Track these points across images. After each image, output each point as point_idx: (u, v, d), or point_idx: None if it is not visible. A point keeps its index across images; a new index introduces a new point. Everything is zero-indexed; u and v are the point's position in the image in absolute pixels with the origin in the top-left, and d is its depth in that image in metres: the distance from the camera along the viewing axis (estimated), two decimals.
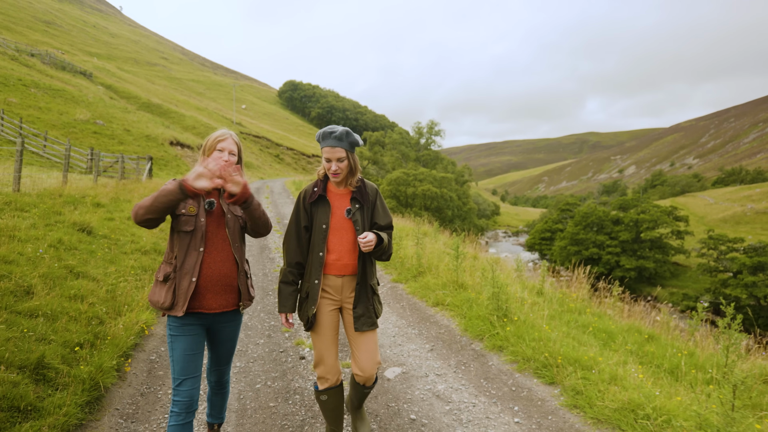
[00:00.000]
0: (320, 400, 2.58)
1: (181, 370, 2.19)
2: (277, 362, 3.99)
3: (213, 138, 2.30)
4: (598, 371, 3.53)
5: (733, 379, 2.50)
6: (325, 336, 2.50)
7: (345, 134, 2.39)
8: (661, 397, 3.03)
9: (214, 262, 2.23)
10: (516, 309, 4.77)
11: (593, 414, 3.10)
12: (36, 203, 7.55)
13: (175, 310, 2.17)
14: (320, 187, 2.51)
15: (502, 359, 4.10)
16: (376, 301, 2.60)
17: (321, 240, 2.46)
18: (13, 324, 3.31)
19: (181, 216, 2.21)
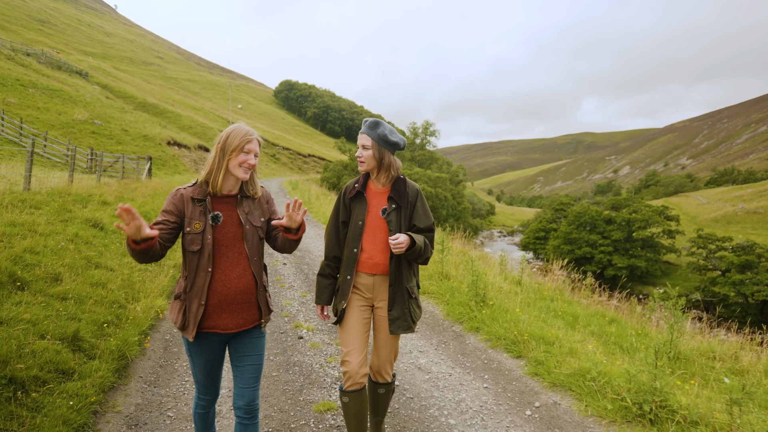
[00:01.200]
0: (343, 402, 2.50)
1: (206, 381, 2.21)
2: (278, 341, 4.49)
3: (240, 136, 2.04)
4: (558, 346, 4.06)
5: (655, 343, 3.01)
6: (352, 332, 2.46)
7: (374, 124, 2.42)
8: (607, 365, 3.55)
9: (228, 280, 2.06)
10: (493, 296, 5.30)
11: (550, 380, 3.62)
12: (47, 201, 8.00)
13: (186, 333, 2.06)
14: (360, 183, 2.50)
15: (478, 338, 4.63)
16: (414, 304, 2.50)
17: (356, 236, 2.45)
18: (48, 305, 3.79)
19: (188, 235, 2.05)
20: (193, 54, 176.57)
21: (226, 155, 2.05)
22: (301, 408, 3.24)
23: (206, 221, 2.05)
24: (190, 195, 2.06)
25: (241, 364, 2.18)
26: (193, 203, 2.05)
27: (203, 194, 2.07)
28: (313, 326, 4.88)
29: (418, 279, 2.62)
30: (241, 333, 2.17)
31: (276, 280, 6.88)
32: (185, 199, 2.05)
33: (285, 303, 5.72)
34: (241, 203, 2.14)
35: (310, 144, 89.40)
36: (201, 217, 2.05)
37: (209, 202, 2.06)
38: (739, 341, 4.80)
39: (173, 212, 2.04)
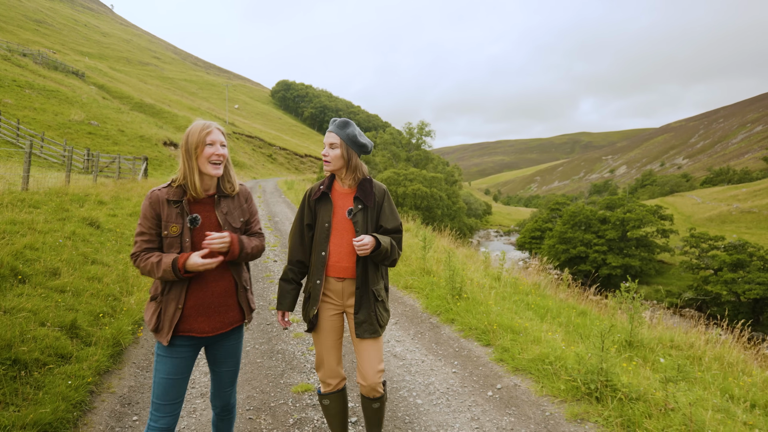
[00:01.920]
0: (323, 404, 2.54)
1: (161, 394, 2.00)
2: (264, 332, 4.77)
3: (198, 131, 1.98)
4: (525, 335, 4.36)
5: (600, 329, 3.31)
6: (325, 339, 2.46)
7: (343, 124, 2.38)
8: (565, 350, 3.85)
9: (206, 283, 2.01)
10: (469, 290, 5.60)
11: (514, 364, 3.92)
12: (45, 201, 8.26)
13: (159, 336, 1.99)
14: (326, 185, 2.47)
15: (452, 329, 4.92)
16: (380, 308, 2.45)
17: (323, 239, 2.40)
18: (48, 297, 4.06)
19: (166, 239, 1.98)
20: (189, 54, 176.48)
21: (192, 156, 1.98)
22: (281, 390, 3.53)
23: (184, 224, 1.98)
24: (166, 197, 1.99)
25: (219, 369, 2.19)
26: (169, 205, 1.98)
27: (179, 195, 2.00)
28: (298, 318, 5.17)
29: (387, 282, 2.58)
30: (220, 338, 2.12)
31: (265, 276, 7.16)
32: (161, 200, 1.98)
33: (273, 297, 6.00)
34: (219, 204, 2.07)
35: (306, 144, 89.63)
36: (178, 219, 1.98)
37: (186, 204, 2.00)
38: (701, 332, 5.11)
39: (152, 218, 1.98)
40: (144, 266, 1.95)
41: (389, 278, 7.12)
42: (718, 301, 32.36)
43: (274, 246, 9.80)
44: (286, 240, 10.67)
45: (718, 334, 5.36)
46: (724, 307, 30.77)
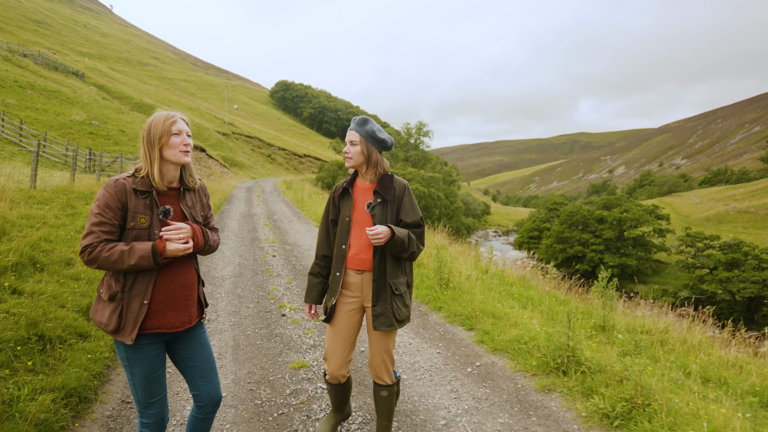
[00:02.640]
0: (327, 386, 2.70)
1: (147, 395, 1.97)
2: (264, 318, 5.12)
3: (162, 121, 1.93)
4: (505, 320, 4.71)
5: (568, 310, 3.65)
6: (338, 334, 2.52)
7: (363, 121, 2.45)
8: (539, 332, 4.20)
9: (175, 276, 1.96)
10: (456, 280, 5.95)
11: (493, 345, 4.27)
12: (53, 198, 8.60)
13: (122, 336, 1.88)
14: (348, 181, 2.54)
15: (439, 316, 5.27)
16: (399, 302, 2.46)
17: (344, 233, 2.47)
18: (64, 284, 4.41)
19: (132, 230, 1.88)
20: (189, 54, 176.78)
21: (155, 146, 1.92)
22: (279, 366, 3.88)
23: (152, 215, 1.92)
24: (132, 186, 1.90)
25: (194, 363, 2.11)
26: (136, 195, 1.90)
27: (147, 186, 1.93)
28: (295, 306, 5.51)
29: (411, 279, 2.58)
30: (184, 334, 2.08)
31: (265, 269, 7.51)
32: (127, 190, 1.88)
33: (272, 288, 6.35)
34: (184, 197, 2.05)
35: (305, 144, 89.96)
36: (146, 210, 1.91)
37: (155, 196, 1.95)
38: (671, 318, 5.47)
39: (118, 208, 1.86)
40: (108, 256, 1.79)
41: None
42: (713, 300, 32.56)
43: (273, 242, 10.14)
44: (284, 237, 11.02)
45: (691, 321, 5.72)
46: (720, 306, 31.09)
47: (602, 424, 3.00)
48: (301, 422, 3.02)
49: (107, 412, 3.01)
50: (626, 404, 2.98)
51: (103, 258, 1.81)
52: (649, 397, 2.98)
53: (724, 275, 32.52)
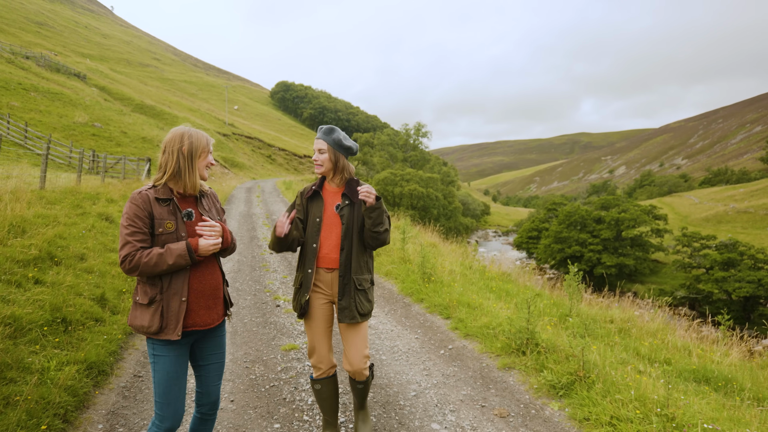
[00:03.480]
0: (315, 389, 2.73)
1: (163, 393, 2.07)
2: (260, 309, 5.58)
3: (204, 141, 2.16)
4: (479, 309, 5.17)
5: (526, 297, 4.11)
6: (317, 327, 2.66)
7: (328, 130, 2.59)
8: (506, 319, 4.66)
9: (203, 276, 2.12)
10: (439, 274, 6.41)
11: (465, 331, 4.74)
12: (61, 198, 9.07)
13: (166, 334, 2.02)
14: (317, 185, 2.70)
15: (421, 306, 5.75)
16: (362, 297, 2.62)
17: (315, 232, 2.61)
18: (79, 276, 4.88)
19: (161, 235, 2.04)
20: (189, 55, 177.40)
21: (195, 158, 2.12)
22: (272, 348, 4.34)
23: (178, 219, 2.08)
24: (154, 196, 2.07)
25: (207, 363, 2.24)
26: (159, 203, 2.07)
27: (168, 194, 2.10)
28: (289, 298, 5.98)
29: (372, 276, 2.76)
30: (207, 333, 2.22)
31: (262, 265, 7.97)
32: (151, 199, 2.05)
33: (268, 282, 6.82)
34: (201, 202, 2.22)
35: (305, 145, 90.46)
36: (171, 216, 2.07)
37: (177, 202, 2.11)
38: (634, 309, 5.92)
39: (145, 217, 2.02)
40: (147, 261, 1.95)
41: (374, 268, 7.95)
42: (710, 300, 32.70)
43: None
44: None
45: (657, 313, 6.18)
46: (717, 305, 31.32)
47: (549, 394, 3.46)
48: (289, 392, 3.49)
49: (122, 384, 3.48)
50: (570, 376, 3.44)
51: (143, 263, 1.95)
52: (590, 371, 3.44)
53: (720, 275, 32.63)
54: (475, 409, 3.32)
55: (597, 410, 3.04)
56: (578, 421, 3.08)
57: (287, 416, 3.17)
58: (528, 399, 3.45)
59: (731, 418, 2.99)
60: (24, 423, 2.56)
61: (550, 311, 5.38)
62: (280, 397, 3.41)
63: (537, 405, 3.36)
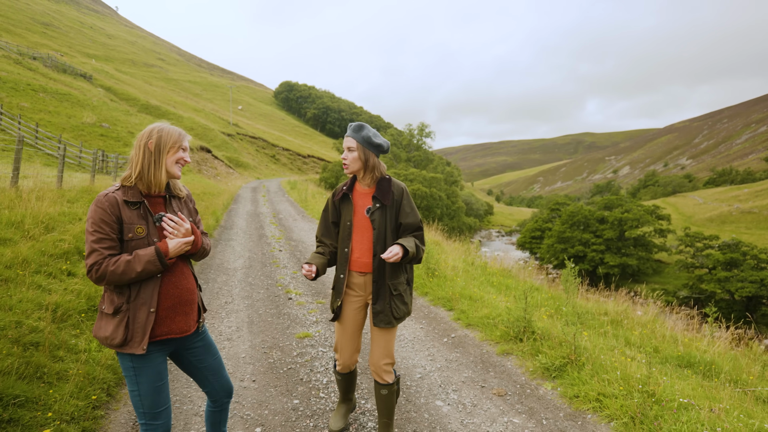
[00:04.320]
0: (336, 378, 2.92)
1: (154, 404, 1.96)
2: (273, 301, 5.91)
3: (176, 134, 2.02)
4: (480, 302, 5.49)
5: (525, 288, 4.42)
6: (346, 329, 2.69)
7: (358, 127, 2.51)
8: (505, 309, 4.97)
9: (178, 281, 2.01)
10: (443, 270, 6.73)
11: (467, 321, 5.05)
12: (79, 197, 9.43)
13: (131, 347, 1.87)
14: (347, 186, 2.62)
15: (425, 299, 6.06)
16: (397, 301, 2.58)
17: (346, 237, 2.58)
18: None
19: (131, 241, 1.89)
20: (193, 55, 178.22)
21: (162, 153, 1.98)
22: (288, 336, 4.67)
23: (149, 223, 1.95)
24: (123, 198, 1.92)
25: (204, 364, 2.19)
26: (128, 207, 1.93)
27: (138, 197, 1.96)
28: (300, 291, 6.30)
29: (411, 276, 2.69)
30: (187, 341, 2.12)
31: (272, 262, 8.31)
32: (119, 202, 1.90)
33: (279, 277, 7.15)
34: (170, 203, 2.09)
35: (309, 145, 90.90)
36: (141, 220, 1.93)
37: (147, 205, 1.98)
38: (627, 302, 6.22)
39: (113, 222, 1.87)
40: (114, 269, 1.81)
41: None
42: (712, 300, 32.72)
43: (279, 239, 10.95)
44: (289, 234, 11.82)
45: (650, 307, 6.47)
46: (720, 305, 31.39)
47: (543, 376, 3.77)
48: (305, 374, 3.81)
49: None
50: (563, 360, 3.75)
51: (110, 272, 1.81)
52: (581, 355, 3.75)
53: (722, 275, 32.66)
54: (476, 389, 3.63)
55: (586, 388, 3.35)
56: (569, 398, 3.39)
57: (305, 393, 3.49)
58: (524, 380, 3.76)
59: (706, 395, 3.30)
60: (75, 394, 2.89)
61: (547, 304, 5.68)
62: (297, 378, 3.74)
63: (532, 385, 3.68)
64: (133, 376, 1.93)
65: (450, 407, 3.35)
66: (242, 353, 4.20)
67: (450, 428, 3.07)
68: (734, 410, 3.03)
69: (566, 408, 3.32)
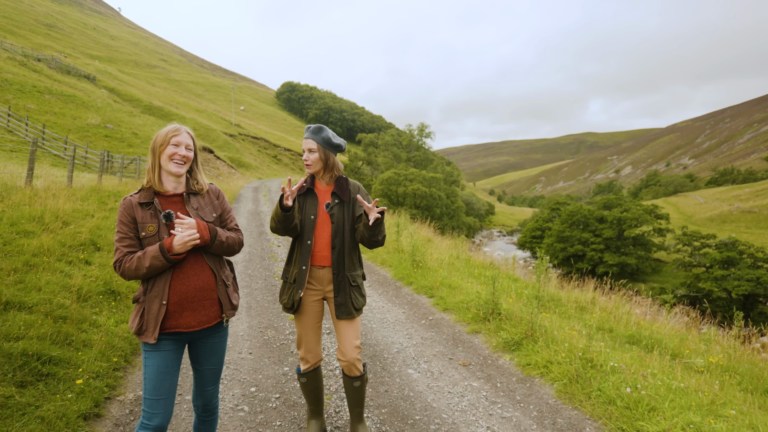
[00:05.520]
0: (301, 382, 2.81)
1: (153, 389, 2.04)
2: (270, 290, 6.45)
3: (165, 132, 2.09)
4: (458, 289, 6.02)
5: (492, 275, 4.94)
6: (306, 321, 2.70)
7: (317, 129, 2.61)
8: (476, 294, 5.49)
9: (187, 278, 2.07)
10: (428, 262, 7.26)
11: (444, 306, 5.59)
12: (88, 196, 9.99)
13: (145, 336, 2.03)
14: (308, 182, 2.71)
15: (410, 288, 6.60)
16: (356, 292, 2.69)
17: (309, 229, 2.63)
18: None
19: (144, 239, 2.05)
20: (195, 56, 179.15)
21: (156, 153, 2.10)
22: (282, 318, 5.21)
23: (159, 222, 2.07)
24: (137, 200, 2.09)
25: (201, 368, 2.23)
26: (142, 207, 2.08)
27: (150, 197, 2.10)
28: None
29: (363, 271, 2.85)
30: (203, 334, 2.17)
31: (270, 256, 8.85)
32: (134, 204, 2.07)
33: (276, 269, 7.70)
34: (189, 200, 2.17)
35: None
36: (153, 219, 2.06)
37: (158, 204, 2.09)
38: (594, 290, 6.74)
39: (129, 222, 2.05)
40: (129, 266, 1.99)
41: (371, 258, 8.78)
42: (710, 298, 32.92)
43: (277, 236, 11.48)
44: None
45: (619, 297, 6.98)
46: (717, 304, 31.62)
47: (504, 349, 4.30)
48: (295, 348, 4.34)
49: None
50: (521, 335, 4.28)
51: (127, 269, 2.00)
52: (537, 331, 4.27)
53: (719, 273, 32.79)
54: (444, 361, 4.16)
55: (537, 357, 3.88)
56: (522, 366, 3.92)
57: (294, 363, 4.02)
58: (487, 353, 4.29)
59: (641, 363, 3.81)
60: (99, 358, 3.43)
61: (520, 291, 6.20)
62: (288, 351, 4.27)
63: (493, 357, 4.21)
64: (144, 360, 2.08)
65: (420, 374, 3.88)
66: (241, 332, 4.74)
67: (417, 389, 3.60)
68: (661, 375, 3.54)
69: (519, 374, 3.85)
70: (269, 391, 3.50)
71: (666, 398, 3.11)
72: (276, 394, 3.47)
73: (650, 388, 3.23)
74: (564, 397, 3.42)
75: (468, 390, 3.60)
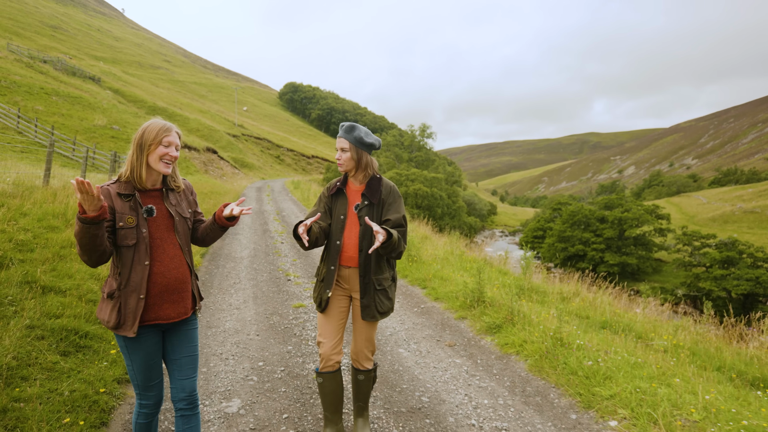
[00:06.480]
0: (318, 382, 2.75)
1: (146, 379, 2.14)
2: (274, 282, 6.92)
3: (156, 131, 2.08)
4: (449, 281, 6.48)
5: (477, 267, 5.39)
6: (331, 321, 2.70)
7: (350, 128, 2.59)
8: (466, 285, 5.95)
9: (167, 271, 2.10)
10: (423, 256, 7.72)
11: (435, 296, 6.05)
12: None
13: (123, 330, 2.03)
14: (341, 182, 2.71)
15: (405, 281, 7.07)
16: (381, 296, 2.66)
17: (339, 230, 2.64)
18: None
19: (121, 230, 2.03)
20: (199, 57, 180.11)
21: (144, 151, 2.07)
22: (286, 306, 5.68)
23: (138, 215, 2.06)
24: (116, 191, 2.06)
25: (177, 357, 2.23)
26: (121, 199, 2.06)
27: (130, 190, 2.09)
28: (298, 274, 7.31)
29: (395, 273, 2.80)
30: (177, 326, 2.21)
31: (275, 252, 9.33)
32: (112, 194, 2.05)
33: (280, 264, 8.17)
34: (167, 196, 2.19)
35: (313, 145, 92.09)
36: (132, 211, 2.06)
37: (138, 198, 2.09)
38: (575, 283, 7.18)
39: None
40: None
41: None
42: (710, 298, 33.10)
43: (281, 233, 11.97)
44: (291, 229, 12.84)
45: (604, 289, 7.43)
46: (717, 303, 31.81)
47: (487, 332, 4.76)
48: (298, 331, 4.82)
49: None
50: (502, 320, 4.74)
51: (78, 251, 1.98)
52: (516, 316, 4.73)
53: (719, 273, 32.95)
54: (432, 342, 4.62)
55: (514, 338, 4.34)
56: (501, 345, 4.38)
57: (297, 343, 4.49)
58: (471, 336, 4.75)
59: (608, 343, 4.26)
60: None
61: (505, 282, 6.67)
62: (291, 333, 4.74)
63: (476, 339, 4.67)
64: (127, 355, 2.09)
65: (409, 353, 4.34)
66: (248, 317, 5.21)
67: (406, 365, 4.06)
68: (622, 352, 4.00)
69: (497, 352, 4.31)
70: (275, 365, 3.97)
71: (621, 370, 3.56)
72: (281, 367, 3.94)
73: (610, 362, 3.68)
74: (534, 370, 3.88)
75: (451, 366, 4.06)
